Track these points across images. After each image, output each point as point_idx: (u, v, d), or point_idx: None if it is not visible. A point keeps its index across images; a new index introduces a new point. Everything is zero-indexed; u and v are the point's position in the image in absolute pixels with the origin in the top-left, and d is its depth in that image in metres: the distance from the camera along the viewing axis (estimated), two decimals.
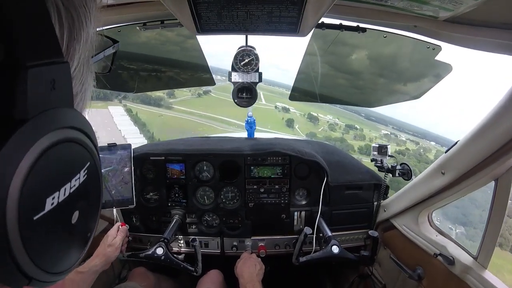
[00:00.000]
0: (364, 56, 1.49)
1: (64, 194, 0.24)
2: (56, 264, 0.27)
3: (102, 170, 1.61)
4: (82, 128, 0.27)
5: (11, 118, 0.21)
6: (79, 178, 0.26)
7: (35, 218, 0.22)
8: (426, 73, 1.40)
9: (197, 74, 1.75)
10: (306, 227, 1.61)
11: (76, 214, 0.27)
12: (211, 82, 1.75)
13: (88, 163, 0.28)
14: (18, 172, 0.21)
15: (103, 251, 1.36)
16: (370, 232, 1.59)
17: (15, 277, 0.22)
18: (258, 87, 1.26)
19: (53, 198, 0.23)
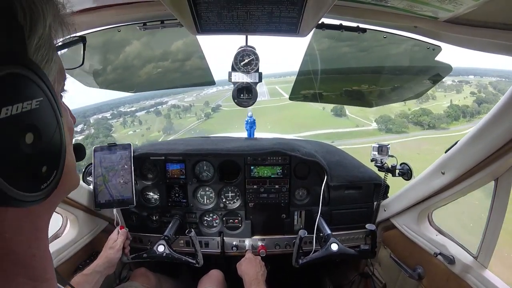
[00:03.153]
0: (363, 55, 1.49)
1: (17, 110, 0.30)
2: (23, 181, 0.31)
3: (102, 170, 1.62)
4: (38, 73, 0.34)
5: None
6: (31, 104, 0.33)
7: None
8: (426, 74, 1.40)
9: (197, 72, 1.74)
10: (301, 230, 1.61)
11: (30, 136, 0.32)
12: (211, 82, 1.74)
13: (41, 98, 0.34)
14: None
15: (105, 253, 1.43)
16: (367, 225, 1.56)
17: None
18: (271, 83, 1.25)
19: (7, 109, 0.29)
